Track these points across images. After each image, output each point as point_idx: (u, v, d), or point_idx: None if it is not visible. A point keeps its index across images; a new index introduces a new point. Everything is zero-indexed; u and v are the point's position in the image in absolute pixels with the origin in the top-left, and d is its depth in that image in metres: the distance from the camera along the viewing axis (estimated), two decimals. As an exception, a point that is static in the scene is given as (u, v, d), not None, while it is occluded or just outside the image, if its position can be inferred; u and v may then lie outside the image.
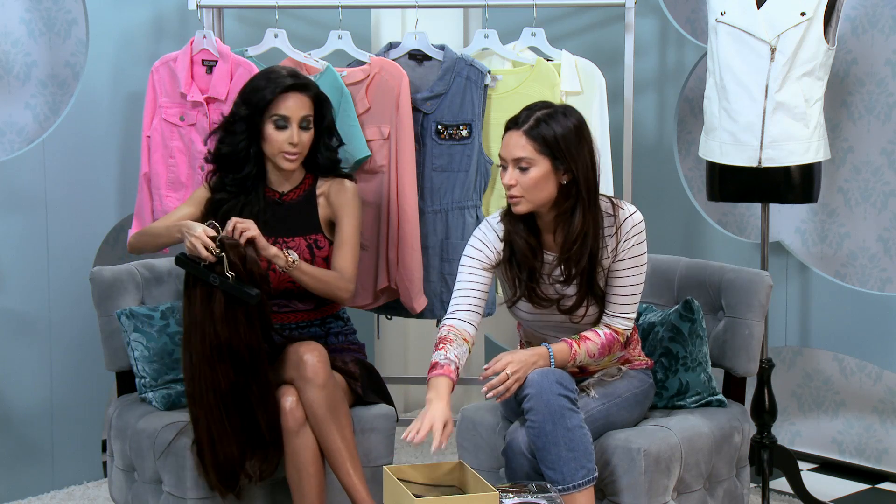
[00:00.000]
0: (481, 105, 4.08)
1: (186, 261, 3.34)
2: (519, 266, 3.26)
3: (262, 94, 3.51)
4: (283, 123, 3.50)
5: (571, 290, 3.27)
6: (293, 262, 3.43)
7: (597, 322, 3.33)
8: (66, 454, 4.39)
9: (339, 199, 3.62)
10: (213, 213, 3.57)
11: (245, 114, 3.53)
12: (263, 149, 3.56)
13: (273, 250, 3.40)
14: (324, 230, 3.62)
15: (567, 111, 3.21)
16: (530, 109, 3.20)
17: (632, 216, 3.26)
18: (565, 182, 3.18)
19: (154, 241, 3.53)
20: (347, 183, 3.65)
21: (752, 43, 3.90)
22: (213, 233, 3.34)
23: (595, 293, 3.27)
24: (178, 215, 3.56)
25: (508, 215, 3.28)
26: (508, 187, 3.17)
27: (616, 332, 3.29)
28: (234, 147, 3.55)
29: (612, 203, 3.27)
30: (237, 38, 4.42)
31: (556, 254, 3.26)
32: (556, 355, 3.23)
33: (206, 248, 3.29)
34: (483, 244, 3.29)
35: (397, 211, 4.02)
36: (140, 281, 3.72)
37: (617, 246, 3.25)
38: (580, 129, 3.19)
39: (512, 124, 3.20)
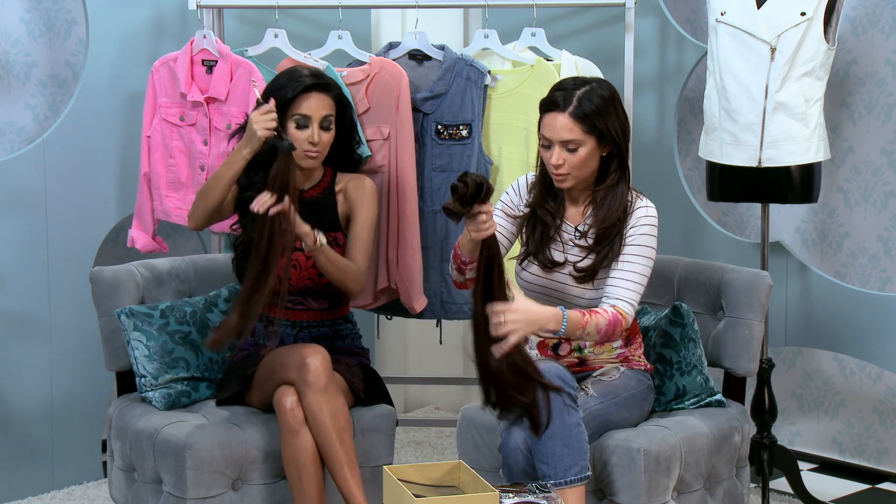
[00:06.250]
0: (481, 105, 4.08)
1: (268, 154, 3.47)
2: (535, 226, 3.36)
3: (283, 92, 3.52)
4: (303, 122, 3.52)
5: (587, 261, 3.31)
6: (320, 244, 3.45)
7: (589, 307, 3.29)
8: (66, 454, 4.39)
9: (356, 194, 3.65)
10: (238, 209, 3.60)
11: None
12: None
13: (304, 228, 3.42)
14: (342, 227, 3.64)
15: (601, 84, 3.30)
16: (566, 89, 3.26)
17: (647, 207, 3.32)
18: (605, 154, 3.29)
19: (216, 185, 3.52)
20: (367, 180, 3.68)
21: (752, 43, 3.90)
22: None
23: (606, 265, 3.29)
24: None
25: (539, 185, 3.37)
26: (556, 167, 3.26)
27: (620, 313, 3.21)
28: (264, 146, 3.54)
29: (633, 192, 3.35)
30: (237, 38, 4.42)
31: (574, 225, 3.34)
32: (570, 318, 3.14)
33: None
34: (509, 195, 3.42)
35: (397, 211, 4.02)
36: (140, 281, 3.72)
37: (626, 230, 3.29)
38: (614, 100, 3.29)
39: (552, 106, 3.26)
